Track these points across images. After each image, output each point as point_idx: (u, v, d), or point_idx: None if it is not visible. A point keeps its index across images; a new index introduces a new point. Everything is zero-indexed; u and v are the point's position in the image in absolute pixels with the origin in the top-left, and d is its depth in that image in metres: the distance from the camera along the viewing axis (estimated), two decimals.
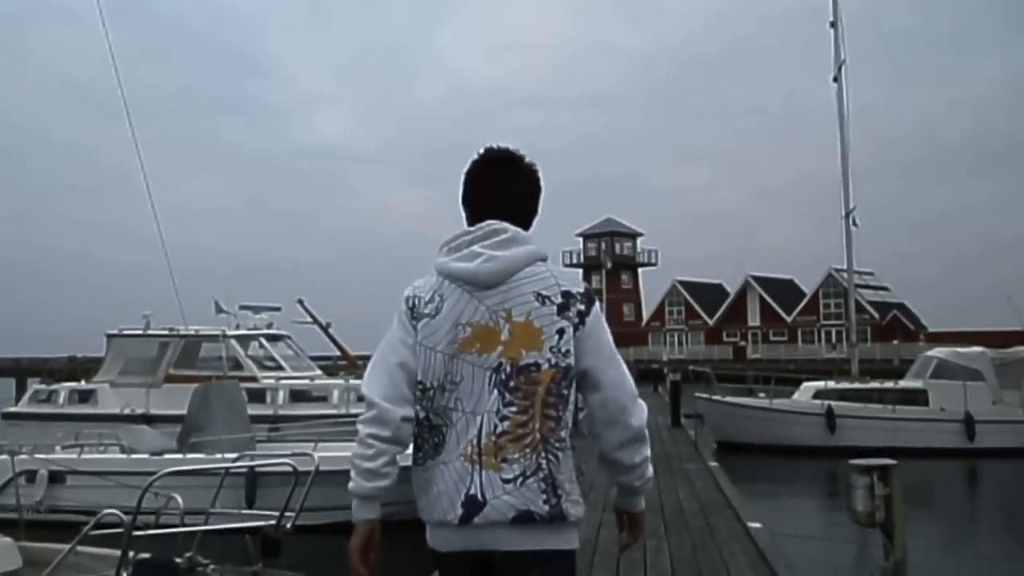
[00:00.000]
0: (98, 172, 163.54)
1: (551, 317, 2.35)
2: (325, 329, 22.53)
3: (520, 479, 2.28)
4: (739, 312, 75.05)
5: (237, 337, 20.26)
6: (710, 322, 75.42)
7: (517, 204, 2.54)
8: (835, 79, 26.88)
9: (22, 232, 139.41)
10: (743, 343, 71.62)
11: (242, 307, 21.40)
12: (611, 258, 73.01)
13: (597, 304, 2.45)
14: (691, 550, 7.02)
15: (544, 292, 2.38)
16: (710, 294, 77.52)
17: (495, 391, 2.32)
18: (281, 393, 19.19)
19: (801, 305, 72.16)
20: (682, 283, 78.14)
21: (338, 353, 23.77)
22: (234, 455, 11.05)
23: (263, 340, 20.67)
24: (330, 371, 21.76)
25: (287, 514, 5.45)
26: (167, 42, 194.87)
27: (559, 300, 2.37)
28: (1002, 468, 20.66)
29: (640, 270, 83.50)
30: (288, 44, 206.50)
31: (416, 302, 2.43)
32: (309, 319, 22.54)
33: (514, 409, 2.31)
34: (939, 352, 23.42)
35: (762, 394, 23.45)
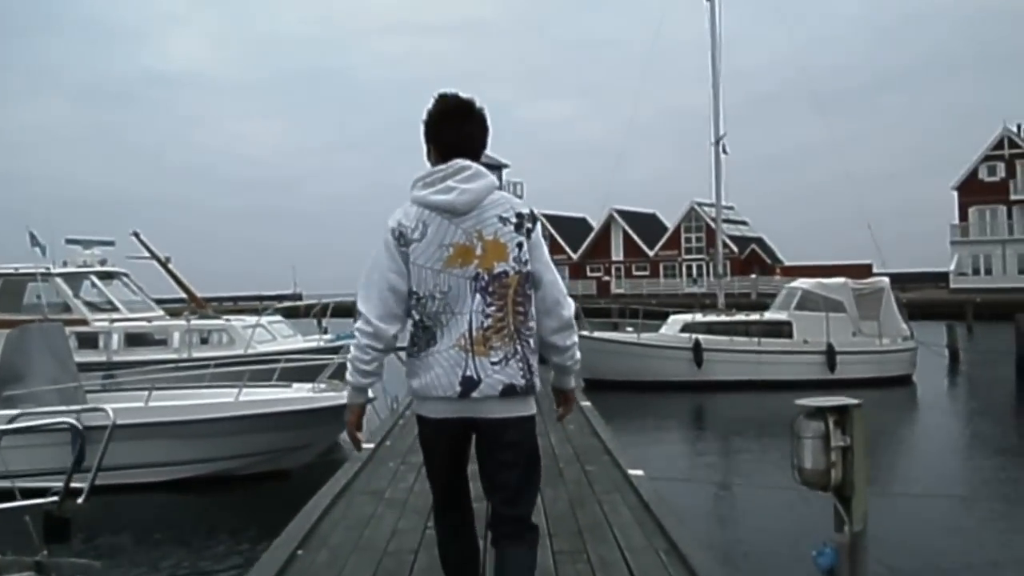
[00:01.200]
0: None
1: (511, 234, 3.17)
2: (164, 264, 20.80)
3: (504, 361, 3.12)
4: (603, 246, 75.87)
5: (64, 275, 18.47)
6: (574, 256, 75.92)
7: (475, 143, 3.29)
8: None
9: None
10: (607, 278, 72.55)
11: (69, 241, 19.57)
12: None
13: (539, 222, 3.29)
14: (568, 504, 6.45)
15: (504, 215, 3.18)
16: (574, 228, 77.94)
17: (477, 295, 3.11)
18: (115, 337, 17.72)
19: (663, 239, 73.44)
20: (545, 216, 78.04)
21: (182, 293, 22.18)
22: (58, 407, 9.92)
23: (94, 278, 18.96)
24: (174, 313, 19.98)
25: (78, 485, 4.39)
26: None
27: (515, 220, 3.19)
28: (860, 398, 21.02)
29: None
30: None
31: (403, 230, 3.15)
32: (146, 254, 20.84)
33: (493, 308, 3.11)
34: (803, 283, 23.82)
35: (629, 328, 23.35)
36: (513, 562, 3.21)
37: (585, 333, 22.53)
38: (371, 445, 8.24)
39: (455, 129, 3.29)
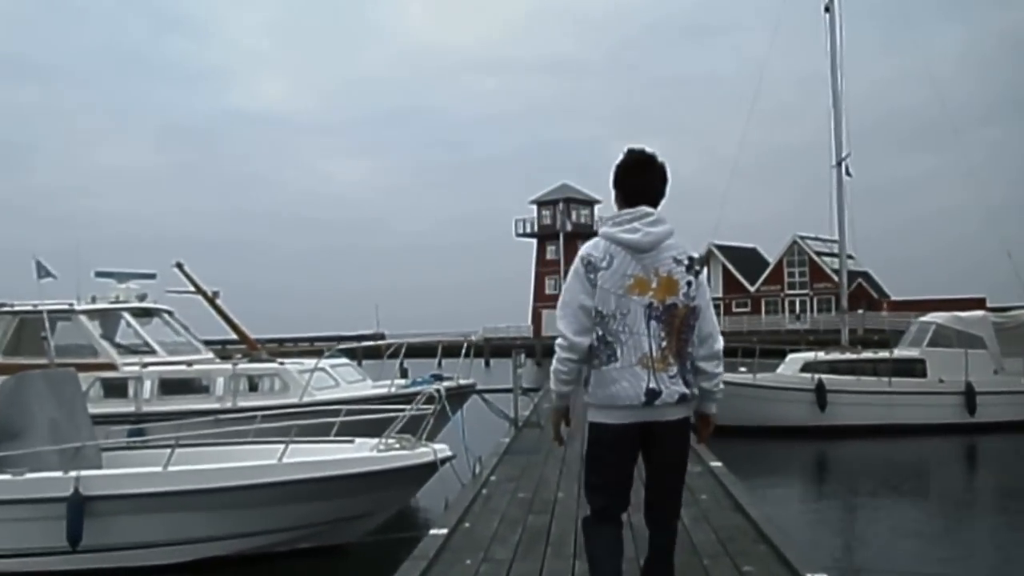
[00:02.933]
0: None
1: (683, 273, 3.97)
2: (211, 300, 19.07)
3: (676, 376, 3.91)
4: None
5: (88, 312, 16.50)
6: None
7: (655, 191, 4.11)
8: (827, 8, 25.54)
9: None
10: None
11: (99, 274, 17.66)
12: (570, 223, 71.65)
13: (706, 266, 4.18)
14: None
15: (678, 257, 3.98)
16: None
17: (652, 321, 3.91)
18: (148, 384, 15.50)
19: (765, 275, 71.82)
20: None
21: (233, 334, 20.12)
22: (58, 473, 8.79)
23: (127, 316, 16.81)
24: (225, 356, 18.35)
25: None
26: None
27: (686, 262, 3.99)
28: (1005, 444, 19.76)
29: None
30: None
31: (592, 260, 3.94)
32: (190, 288, 18.95)
33: (664, 333, 3.91)
34: (936, 317, 22.51)
35: (743, 368, 22.28)
36: (665, 550, 4.12)
37: None
38: (444, 531, 7.01)
39: (638, 179, 4.09)
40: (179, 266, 19.33)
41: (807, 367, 21.56)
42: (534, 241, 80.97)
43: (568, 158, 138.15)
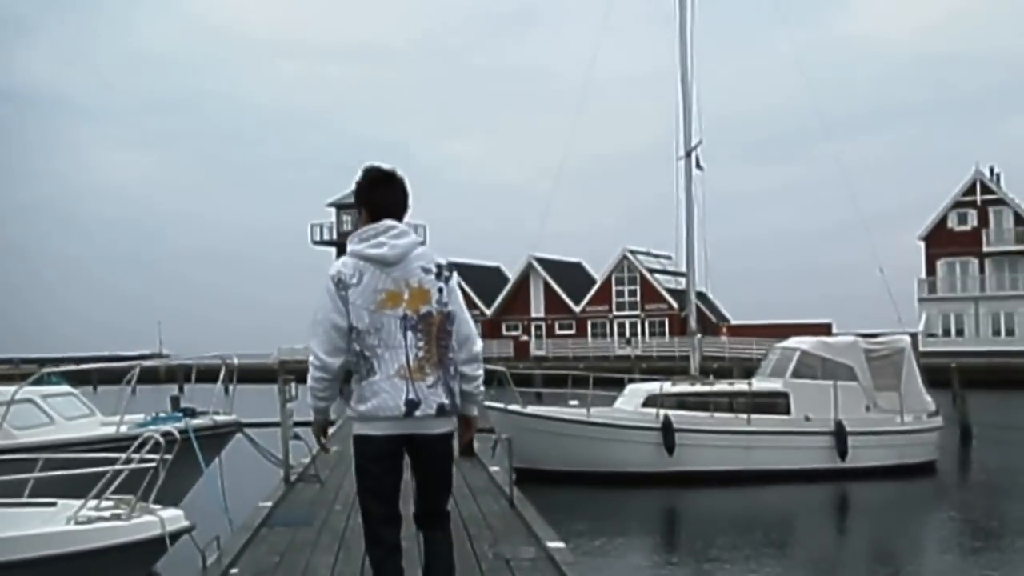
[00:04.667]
0: None
1: (433, 281, 4.33)
2: None
3: (435, 385, 4.27)
4: (521, 301, 72.26)
5: None
6: (487, 312, 71.94)
7: (399, 206, 4.51)
8: None
9: None
10: (525, 337, 68.95)
11: None
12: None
13: (455, 272, 4.48)
14: None
15: (426, 266, 4.34)
16: (487, 279, 74.18)
17: (408, 332, 4.26)
18: None
19: (591, 293, 70.25)
20: (453, 265, 74.05)
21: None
22: None
23: None
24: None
25: None
26: None
27: (435, 270, 4.35)
28: (878, 493, 18.28)
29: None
30: None
31: (342, 277, 4.26)
32: None
33: (422, 343, 4.28)
34: (801, 342, 20.36)
35: (574, 402, 19.38)
36: (444, 544, 4.55)
37: (516, 408, 18.55)
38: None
39: (381, 195, 4.49)
40: None
41: (651, 401, 18.87)
42: (333, 250, 76.92)
43: (376, 158, 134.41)
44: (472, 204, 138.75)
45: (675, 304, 66.72)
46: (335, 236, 75.75)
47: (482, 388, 4.51)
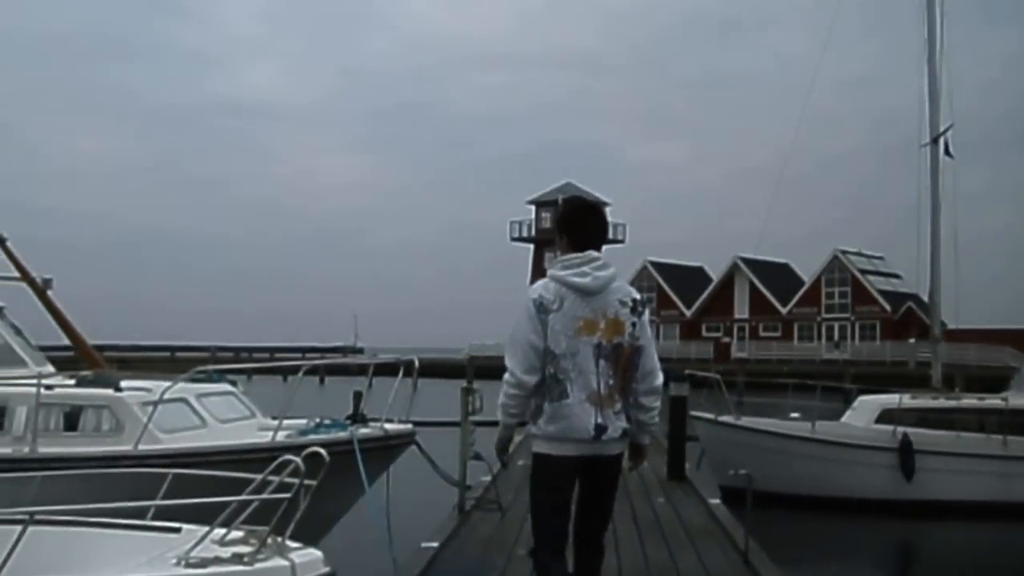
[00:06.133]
0: None
1: (628, 315, 4.56)
2: (39, 290, 14.41)
3: (620, 413, 4.51)
4: (724, 302, 69.33)
5: None
6: (687, 313, 69.69)
7: (601, 237, 4.77)
8: None
9: None
10: (727, 339, 66.19)
11: None
12: None
13: (648, 307, 4.81)
14: None
15: (623, 299, 4.59)
16: (689, 279, 71.91)
17: (601, 360, 4.47)
18: None
19: (799, 295, 66.53)
20: (655, 265, 72.14)
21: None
22: None
23: None
24: (63, 366, 13.83)
25: None
26: None
27: (631, 304, 4.60)
28: None
29: (604, 247, 76.66)
30: None
31: (544, 302, 4.48)
32: (12, 273, 14.44)
33: (612, 371, 4.48)
34: None
35: (795, 414, 17.04)
36: (599, 567, 4.75)
37: (729, 420, 16.42)
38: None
39: (586, 225, 4.73)
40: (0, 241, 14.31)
41: (886, 416, 16.33)
42: (531, 247, 75.91)
43: (580, 161, 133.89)
44: (675, 205, 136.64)
45: (888, 307, 62.44)
46: (533, 233, 74.99)
47: (657, 420, 4.75)
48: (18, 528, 5.40)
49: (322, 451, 5.30)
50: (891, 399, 16.74)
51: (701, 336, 68.03)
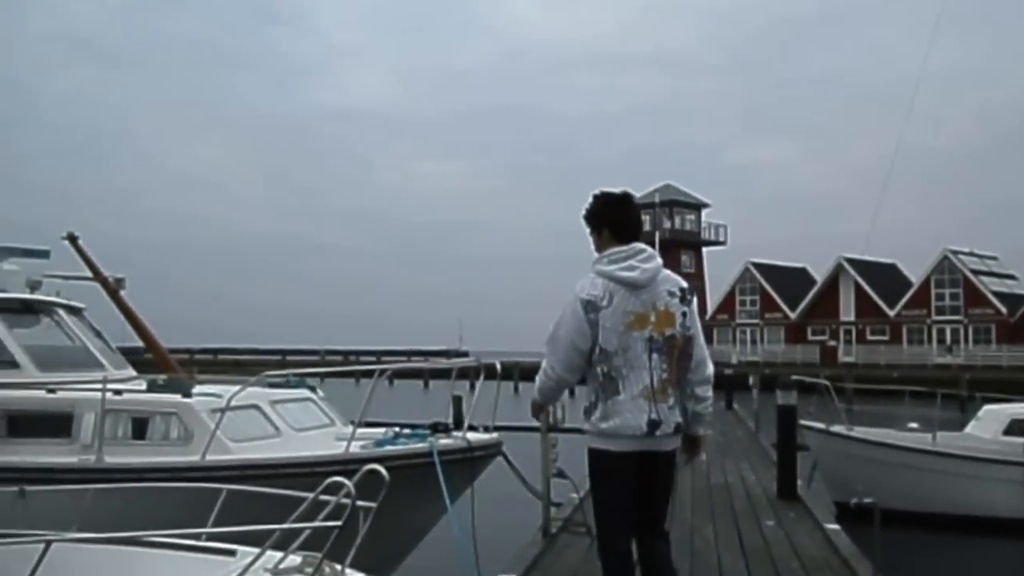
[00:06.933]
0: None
1: (677, 305, 4.49)
2: (112, 290, 14.09)
3: (674, 406, 4.46)
4: (829, 304, 67.16)
5: None
6: (792, 315, 67.67)
7: (639, 226, 4.72)
8: None
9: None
10: (833, 342, 63.90)
11: None
12: (668, 230, 64.88)
13: (695, 295, 4.69)
14: None
15: (672, 289, 4.50)
16: (793, 281, 69.88)
17: (653, 354, 4.40)
18: None
19: (907, 296, 63.98)
20: (758, 266, 70.35)
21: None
22: None
23: None
24: (141, 368, 13.11)
25: None
26: None
27: (679, 294, 4.51)
28: None
29: (705, 249, 75.47)
30: None
31: (592, 299, 4.39)
32: (79, 272, 14.03)
33: (665, 364, 4.42)
34: None
35: (914, 424, 15.80)
36: (667, 552, 4.70)
37: (841, 430, 15.27)
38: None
39: (623, 215, 4.65)
40: (72, 239, 14.04)
41: (1017, 427, 14.96)
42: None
43: (677, 163, 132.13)
44: (777, 206, 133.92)
45: (1004, 309, 59.57)
46: None
47: (711, 409, 4.72)
48: (40, 547, 4.99)
49: (381, 469, 4.50)
50: (1020, 409, 15.38)
51: (806, 339, 65.97)
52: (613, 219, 4.62)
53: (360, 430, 9.88)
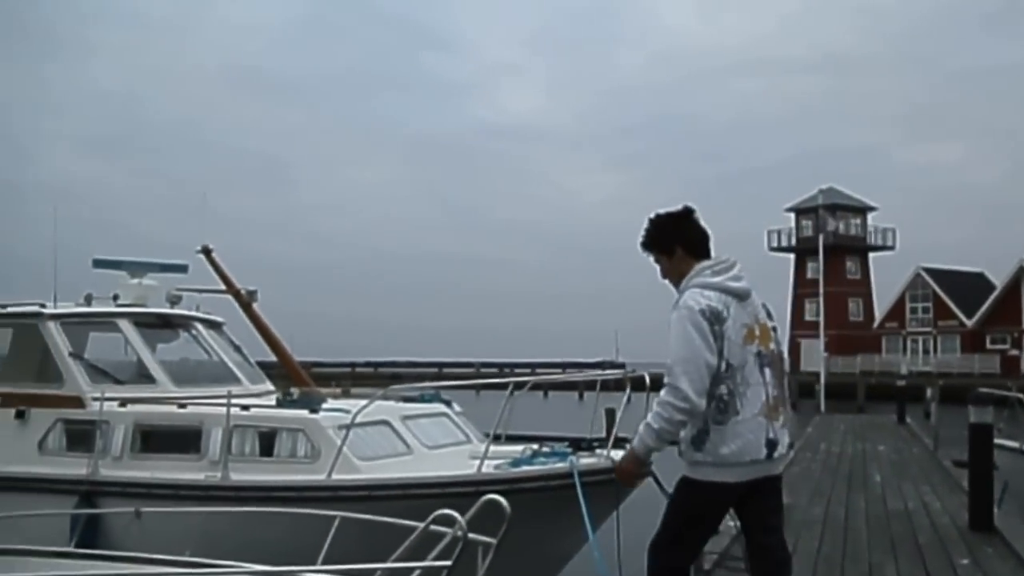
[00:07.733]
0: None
1: (770, 320, 4.32)
2: (244, 302, 13.72)
3: (784, 426, 4.20)
4: (1010, 310, 62.85)
5: (62, 317, 11.53)
6: (968, 323, 63.75)
7: (710, 242, 4.43)
8: None
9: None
10: (1015, 351, 59.73)
11: (98, 263, 12.80)
12: (833, 234, 62.05)
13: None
14: None
15: (765, 304, 4.33)
16: (969, 286, 65.89)
17: (765, 369, 4.14)
18: (119, 432, 10.58)
19: None
20: (930, 271, 66.64)
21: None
22: None
23: (126, 325, 11.76)
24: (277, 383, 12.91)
25: None
26: (341, 14, 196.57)
27: (767, 310, 4.34)
28: None
29: (871, 255, 72.16)
30: (472, 10, 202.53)
31: (716, 310, 4.07)
32: (219, 286, 13.89)
33: (774, 380, 4.17)
34: None
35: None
36: (785, 548, 4.42)
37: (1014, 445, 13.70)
38: None
39: (696, 229, 4.39)
40: (205, 252, 13.83)
41: None
42: (791, 257, 71.96)
43: (838, 167, 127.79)
44: (949, 208, 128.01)
45: None
46: (794, 242, 71.13)
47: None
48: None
49: (501, 500, 4.09)
50: None
51: (984, 348, 62.02)
52: (685, 235, 4.38)
53: (499, 447, 9.15)
